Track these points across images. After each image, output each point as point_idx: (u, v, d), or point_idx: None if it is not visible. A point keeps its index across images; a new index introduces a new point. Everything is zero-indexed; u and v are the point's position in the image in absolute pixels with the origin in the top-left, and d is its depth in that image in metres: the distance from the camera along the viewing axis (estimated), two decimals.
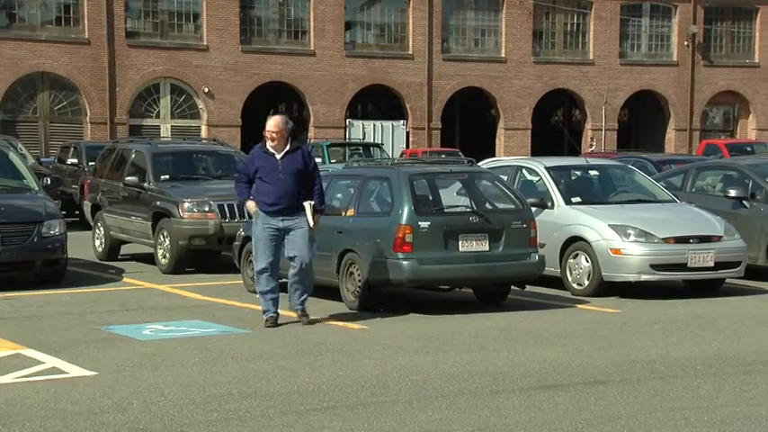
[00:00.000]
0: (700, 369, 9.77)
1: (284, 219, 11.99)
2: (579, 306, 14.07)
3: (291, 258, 12.10)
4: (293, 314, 13.04)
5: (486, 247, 13.22)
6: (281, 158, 12.01)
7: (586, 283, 14.87)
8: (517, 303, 14.01)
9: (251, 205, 12.30)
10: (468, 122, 50.00)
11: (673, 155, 34.59)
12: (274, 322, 12.17)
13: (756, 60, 49.58)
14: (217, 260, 18.36)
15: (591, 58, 47.02)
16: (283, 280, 15.38)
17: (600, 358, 10.28)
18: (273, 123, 12.07)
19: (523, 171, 16.64)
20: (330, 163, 29.00)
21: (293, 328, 12.20)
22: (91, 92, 39.57)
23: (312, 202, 12.00)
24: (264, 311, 12.26)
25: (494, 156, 38.88)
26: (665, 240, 14.70)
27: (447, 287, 14.40)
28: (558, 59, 46.60)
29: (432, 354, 10.47)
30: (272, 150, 12.04)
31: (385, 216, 13.38)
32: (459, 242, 13.14)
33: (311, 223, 11.95)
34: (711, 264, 14.76)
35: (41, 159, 32.78)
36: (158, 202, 17.78)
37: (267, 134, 12.06)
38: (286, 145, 12.06)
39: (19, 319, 12.90)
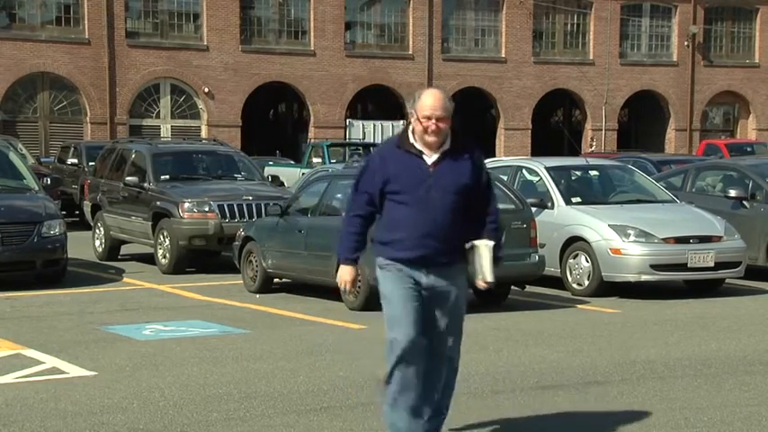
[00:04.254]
0: (700, 369, 9.77)
1: (432, 272, 6.70)
2: (579, 306, 14.07)
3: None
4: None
5: None
6: (436, 164, 6.67)
7: (586, 283, 14.87)
8: (517, 303, 14.00)
9: (348, 275, 6.97)
10: (468, 122, 49.97)
11: (673, 155, 34.60)
12: None
13: (756, 60, 49.57)
14: (216, 260, 18.36)
15: (591, 58, 47.00)
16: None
17: (600, 358, 10.28)
18: (435, 102, 6.61)
19: (523, 171, 16.65)
20: (330, 163, 28.99)
21: (293, 327, 12.20)
22: (91, 92, 39.55)
23: (490, 243, 6.76)
24: None
25: (494, 156, 38.90)
26: (665, 240, 14.70)
27: None
28: (558, 59, 46.59)
29: None
30: (419, 148, 6.67)
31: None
32: None
33: (488, 277, 6.74)
34: (711, 264, 14.77)
35: (41, 159, 32.78)
36: (158, 203, 17.79)
37: (424, 121, 6.60)
38: (444, 141, 6.70)
39: (19, 319, 12.90)
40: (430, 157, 6.65)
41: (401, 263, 6.69)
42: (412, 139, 6.69)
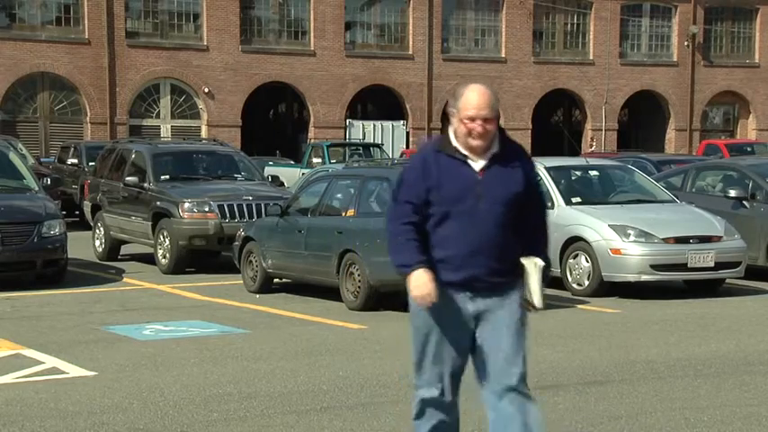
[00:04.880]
0: (700, 369, 9.76)
1: (478, 295, 5.78)
2: (579, 306, 14.07)
3: (484, 380, 5.88)
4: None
5: None
6: (484, 170, 5.75)
7: (586, 283, 14.87)
8: None
9: (427, 280, 5.68)
10: None
11: (673, 155, 34.59)
12: None
13: (756, 60, 49.57)
14: (216, 260, 18.35)
15: (591, 58, 47.01)
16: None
17: (600, 358, 10.27)
18: (480, 99, 5.66)
19: None
20: (330, 163, 29.00)
21: (293, 327, 12.20)
22: (91, 92, 39.55)
23: (540, 262, 5.83)
24: None
25: None
26: (665, 240, 14.70)
27: None
28: (558, 59, 46.59)
29: None
30: (464, 153, 5.75)
31: (385, 216, 13.37)
32: None
33: (536, 302, 5.87)
34: (711, 264, 14.76)
35: (41, 159, 32.77)
36: (158, 203, 17.79)
37: (468, 123, 5.67)
38: (492, 143, 5.77)
39: (19, 319, 12.90)
40: (477, 163, 5.72)
41: (444, 286, 5.69)
42: (455, 142, 5.75)
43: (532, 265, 5.78)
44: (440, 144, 5.82)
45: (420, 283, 5.66)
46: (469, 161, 5.72)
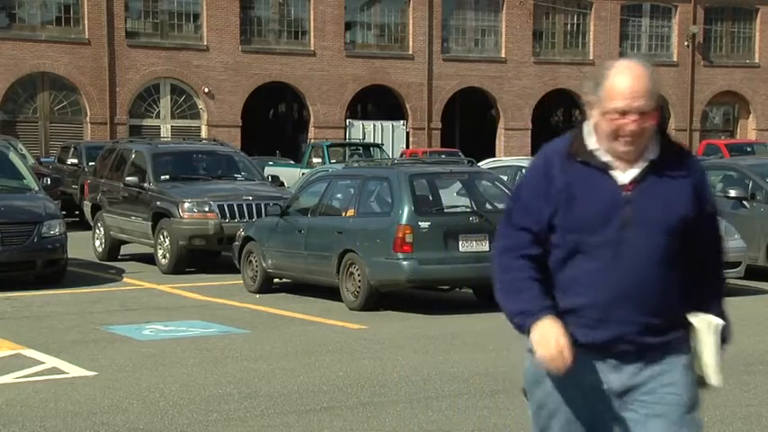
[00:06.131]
0: None
1: (626, 362, 4.02)
2: None
3: None
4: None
5: (486, 248, 13.20)
6: (635, 184, 3.99)
7: None
8: None
9: (557, 331, 3.99)
10: (468, 122, 50.01)
11: None
12: None
13: (756, 60, 49.59)
14: (216, 260, 18.35)
15: (591, 58, 47.02)
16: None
17: None
18: (635, 84, 3.88)
19: (523, 171, 16.65)
20: (330, 163, 29.00)
21: (293, 327, 12.20)
22: (91, 92, 39.56)
23: (719, 322, 4.07)
24: None
25: (494, 156, 38.89)
26: None
27: (447, 287, 14.41)
28: (558, 59, 46.61)
29: (432, 354, 10.47)
30: (604, 161, 3.99)
31: (385, 216, 13.39)
32: (460, 242, 13.15)
33: (711, 379, 4.06)
34: None
35: (41, 159, 32.78)
36: (158, 203, 17.79)
37: (616, 118, 3.90)
38: (646, 147, 3.98)
39: (19, 319, 12.90)
40: (624, 173, 3.99)
41: (577, 349, 3.97)
42: (591, 144, 4.03)
43: (705, 326, 4.06)
44: (571, 145, 4.09)
45: (549, 338, 4.00)
46: (613, 171, 4.00)
